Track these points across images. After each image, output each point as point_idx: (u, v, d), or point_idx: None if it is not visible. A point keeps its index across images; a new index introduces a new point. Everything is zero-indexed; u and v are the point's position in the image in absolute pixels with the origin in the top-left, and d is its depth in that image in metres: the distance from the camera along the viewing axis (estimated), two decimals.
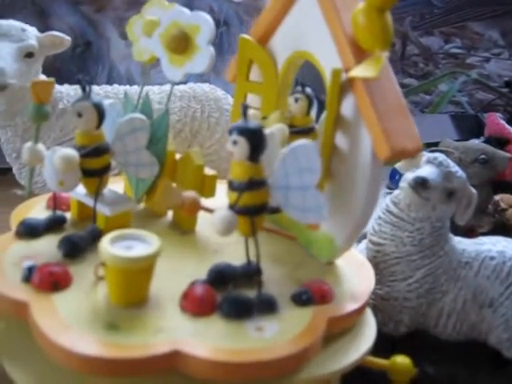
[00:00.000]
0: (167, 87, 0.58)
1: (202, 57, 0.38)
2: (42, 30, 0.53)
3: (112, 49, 0.79)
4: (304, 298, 0.34)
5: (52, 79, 0.37)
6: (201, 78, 0.80)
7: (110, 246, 0.32)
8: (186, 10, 0.38)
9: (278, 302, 0.34)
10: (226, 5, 0.78)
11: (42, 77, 0.53)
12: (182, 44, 0.38)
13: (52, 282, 0.33)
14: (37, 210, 0.42)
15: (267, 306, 0.33)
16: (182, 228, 0.41)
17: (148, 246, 0.32)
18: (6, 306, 0.33)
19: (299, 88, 0.38)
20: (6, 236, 0.38)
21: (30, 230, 0.38)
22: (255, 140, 0.31)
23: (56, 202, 0.40)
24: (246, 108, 0.32)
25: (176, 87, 0.58)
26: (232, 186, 0.32)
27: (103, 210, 0.37)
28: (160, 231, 0.37)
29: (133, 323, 0.31)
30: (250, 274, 0.35)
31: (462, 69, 1.00)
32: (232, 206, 0.32)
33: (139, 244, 0.33)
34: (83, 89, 0.35)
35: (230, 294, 0.33)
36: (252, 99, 0.42)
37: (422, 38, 0.93)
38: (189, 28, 0.38)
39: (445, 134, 0.90)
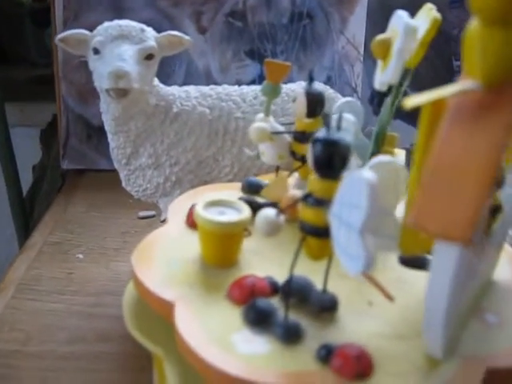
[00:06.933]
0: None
1: (391, 67, 0.35)
2: None
3: None
4: (321, 353, 0.28)
5: (288, 63, 0.41)
6: None
7: (203, 211, 0.35)
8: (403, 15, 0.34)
9: (306, 342, 0.29)
10: None
11: (156, 79, 0.51)
12: (383, 48, 0.35)
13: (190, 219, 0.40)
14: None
15: (284, 332, 0.29)
16: None
17: (239, 213, 0.35)
18: None
19: None
20: (232, 185, 0.46)
21: (248, 184, 0.44)
22: (324, 154, 0.27)
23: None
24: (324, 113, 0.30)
25: (287, 86, 0.55)
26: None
27: None
28: None
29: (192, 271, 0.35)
30: (315, 301, 0.31)
31: None
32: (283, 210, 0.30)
33: (232, 211, 0.36)
34: (310, 78, 0.37)
35: (264, 300, 0.31)
36: None
37: None
38: (394, 32, 0.35)
39: None
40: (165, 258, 0.36)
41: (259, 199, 0.41)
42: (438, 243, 0.26)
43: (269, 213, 0.29)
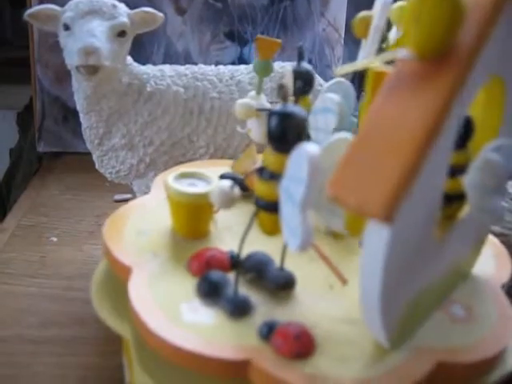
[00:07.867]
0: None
1: (368, 44, 0.33)
2: None
3: (168, 25, 0.74)
4: (263, 330, 0.28)
5: (279, 40, 0.40)
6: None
7: (174, 182, 0.36)
8: None
9: (253, 318, 0.29)
10: None
11: (129, 58, 0.49)
12: (363, 26, 0.34)
13: None
14: None
15: (231, 306, 0.29)
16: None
17: (208, 185, 0.36)
18: None
19: None
20: (226, 161, 0.45)
21: None
22: (278, 126, 0.26)
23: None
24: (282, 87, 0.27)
25: None
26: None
27: None
28: None
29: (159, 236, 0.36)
30: (271, 278, 0.31)
31: None
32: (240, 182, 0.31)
33: (202, 183, 0.36)
34: (300, 55, 0.37)
35: (217, 273, 0.31)
36: None
37: None
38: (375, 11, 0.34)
39: None
40: (136, 228, 0.36)
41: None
42: (370, 222, 0.24)
43: (223, 185, 0.29)
